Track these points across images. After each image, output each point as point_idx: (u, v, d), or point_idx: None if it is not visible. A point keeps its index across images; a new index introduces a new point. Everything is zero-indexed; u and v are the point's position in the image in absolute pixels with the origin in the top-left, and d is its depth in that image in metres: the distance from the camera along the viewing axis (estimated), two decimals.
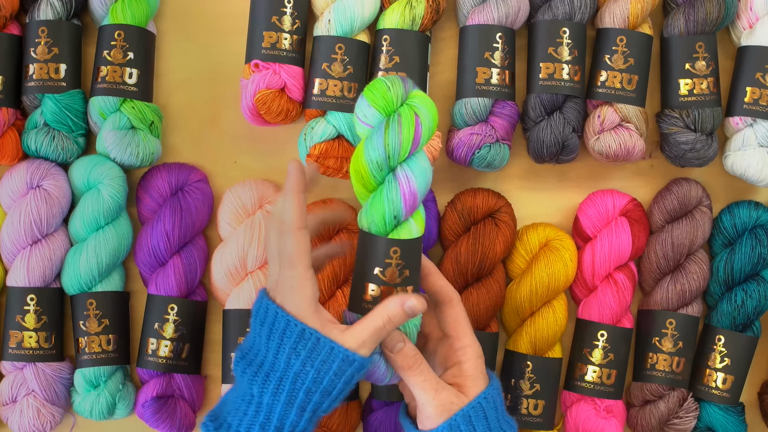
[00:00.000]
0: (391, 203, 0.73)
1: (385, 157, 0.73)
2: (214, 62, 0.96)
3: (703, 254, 0.94)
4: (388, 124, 0.73)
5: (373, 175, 0.74)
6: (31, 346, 0.90)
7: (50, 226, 0.91)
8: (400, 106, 0.74)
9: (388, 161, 0.73)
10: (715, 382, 0.93)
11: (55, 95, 0.91)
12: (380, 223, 0.74)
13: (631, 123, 0.91)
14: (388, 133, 0.73)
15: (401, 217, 0.74)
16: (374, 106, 0.74)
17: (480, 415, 0.73)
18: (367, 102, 0.74)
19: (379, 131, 0.73)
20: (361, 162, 0.74)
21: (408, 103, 0.74)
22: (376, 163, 0.73)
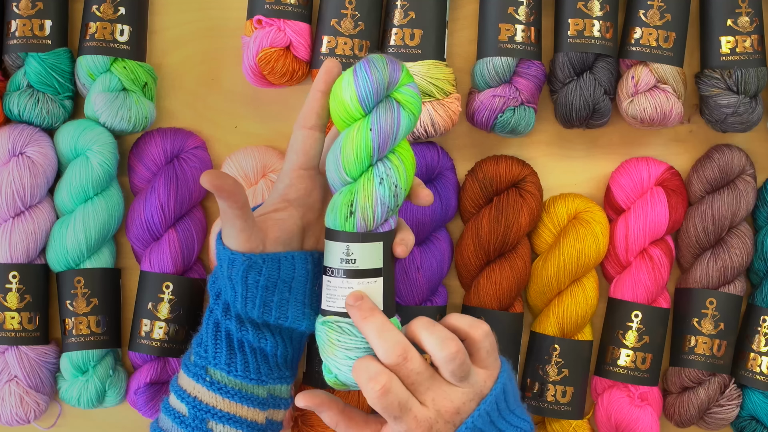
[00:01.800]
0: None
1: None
2: (214, 18, 0.95)
3: (747, 227, 0.92)
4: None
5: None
6: (14, 327, 0.89)
7: (34, 196, 0.89)
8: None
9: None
10: (759, 367, 0.91)
11: (39, 54, 0.89)
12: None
13: (667, 84, 0.89)
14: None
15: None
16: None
17: (486, 421, 0.70)
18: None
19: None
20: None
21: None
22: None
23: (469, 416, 0.68)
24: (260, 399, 0.76)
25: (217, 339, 0.75)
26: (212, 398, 0.75)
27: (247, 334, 0.74)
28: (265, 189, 0.90)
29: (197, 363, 0.75)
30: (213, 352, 0.75)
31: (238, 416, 0.75)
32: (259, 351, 0.75)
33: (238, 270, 0.71)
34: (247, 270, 0.71)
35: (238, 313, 0.74)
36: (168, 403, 0.77)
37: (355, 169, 0.68)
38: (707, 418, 0.91)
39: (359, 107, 0.68)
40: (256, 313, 0.73)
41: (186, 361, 0.77)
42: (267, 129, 0.95)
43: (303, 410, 0.90)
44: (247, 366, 0.75)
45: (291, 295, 0.74)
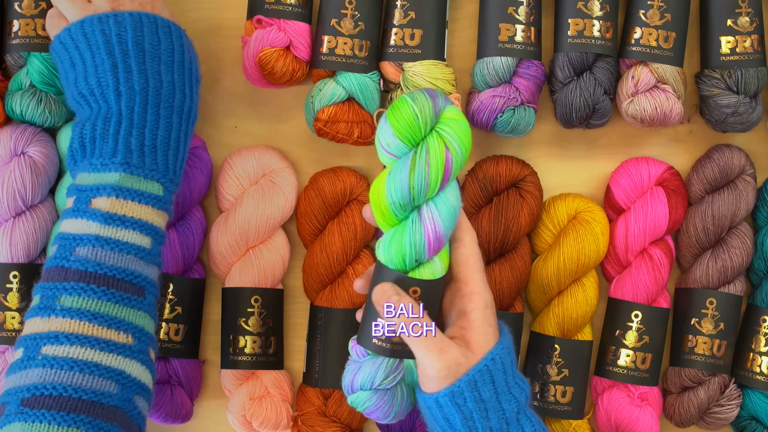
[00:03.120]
0: (413, 246, 0.71)
1: (409, 198, 0.71)
2: (214, 18, 0.95)
3: (747, 227, 0.93)
4: (414, 159, 0.70)
5: (394, 214, 0.72)
6: (14, 327, 0.89)
7: (35, 196, 0.90)
8: (428, 132, 0.71)
9: (412, 202, 0.71)
10: (759, 367, 0.92)
11: (42, 54, 0.89)
12: (400, 263, 0.72)
13: (667, 84, 0.90)
14: (414, 172, 0.70)
15: (424, 259, 0.72)
16: (398, 136, 0.71)
17: (487, 379, 0.71)
18: (391, 130, 0.72)
19: (404, 167, 0.71)
20: (382, 199, 0.72)
21: (437, 130, 0.71)
22: (399, 204, 0.71)
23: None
24: (158, 197, 0.76)
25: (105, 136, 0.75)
26: (117, 204, 0.74)
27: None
28: (265, 189, 0.91)
29: (84, 188, 0.75)
30: (111, 152, 0.75)
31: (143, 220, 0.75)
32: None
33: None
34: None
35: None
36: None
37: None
38: (707, 418, 0.92)
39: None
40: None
41: (67, 213, 0.75)
42: (267, 129, 0.95)
43: (303, 410, 0.92)
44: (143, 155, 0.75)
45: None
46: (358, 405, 0.76)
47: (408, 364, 0.76)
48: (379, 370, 0.75)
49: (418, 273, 0.72)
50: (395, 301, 0.70)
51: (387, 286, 0.71)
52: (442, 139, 0.71)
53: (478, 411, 0.70)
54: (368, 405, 0.76)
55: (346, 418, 0.91)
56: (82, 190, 0.74)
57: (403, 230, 0.71)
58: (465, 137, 0.72)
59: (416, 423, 0.91)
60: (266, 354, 0.92)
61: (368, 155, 0.95)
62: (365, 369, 0.76)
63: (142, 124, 0.75)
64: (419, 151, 0.71)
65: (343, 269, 0.91)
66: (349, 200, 0.92)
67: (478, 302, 0.73)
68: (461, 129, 0.72)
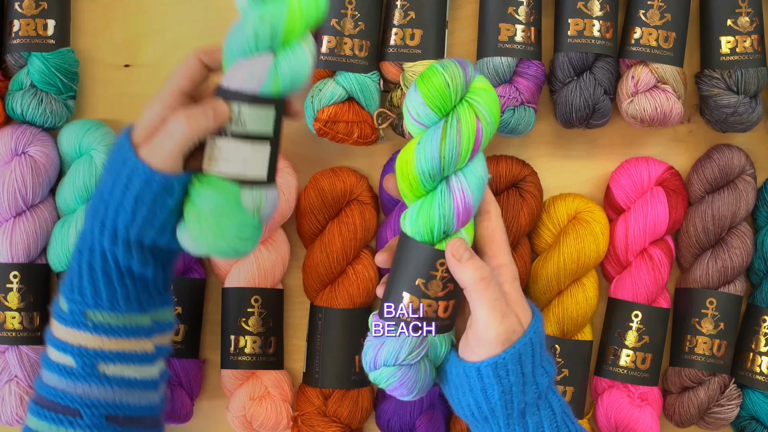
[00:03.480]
0: (442, 217, 0.71)
1: (439, 168, 0.71)
2: (214, 18, 0.96)
3: (747, 227, 0.94)
4: (445, 129, 0.70)
5: (423, 184, 0.72)
6: (14, 327, 0.90)
7: (36, 196, 0.90)
8: (459, 102, 0.71)
9: (441, 172, 0.71)
10: (759, 367, 0.92)
11: (43, 54, 0.90)
12: (427, 235, 0.71)
13: (667, 84, 0.90)
14: (445, 141, 0.70)
15: (452, 231, 0.72)
16: (429, 105, 0.71)
17: (528, 352, 0.70)
18: (421, 98, 0.71)
19: (434, 136, 0.70)
20: (410, 169, 0.72)
21: (468, 99, 0.71)
22: (428, 174, 0.71)
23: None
24: (145, 328, 0.75)
25: (94, 279, 0.73)
26: (98, 341, 0.73)
27: (132, 261, 0.72)
28: None
29: (73, 310, 0.73)
30: (92, 293, 0.73)
31: (127, 351, 0.74)
32: (139, 279, 0.73)
33: (151, 190, 0.69)
34: (160, 192, 0.70)
35: (128, 238, 0.71)
36: (49, 358, 0.74)
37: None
38: (707, 418, 0.92)
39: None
40: (151, 235, 0.71)
41: (58, 311, 0.74)
42: None
43: (303, 410, 0.92)
44: (129, 298, 0.73)
45: (179, 216, 0.72)
46: (381, 381, 0.74)
47: (432, 339, 0.74)
48: (403, 345, 0.73)
49: (442, 245, 0.71)
50: (467, 258, 0.70)
51: (458, 242, 0.71)
52: (472, 108, 0.70)
53: (518, 384, 0.70)
54: (392, 381, 0.73)
55: (346, 418, 0.92)
56: None
57: (431, 201, 0.71)
58: (495, 108, 0.72)
59: (416, 423, 0.91)
60: (266, 354, 0.92)
61: (368, 155, 0.96)
62: (389, 344, 0.73)
63: None
64: (450, 120, 0.70)
65: (343, 269, 0.91)
66: (349, 200, 0.93)
67: (507, 275, 0.72)
68: (491, 99, 0.71)
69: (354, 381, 0.92)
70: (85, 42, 0.96)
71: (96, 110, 0.96)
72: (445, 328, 0.73)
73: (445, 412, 0.94)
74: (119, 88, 0.96)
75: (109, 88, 0.96)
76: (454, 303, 0.73)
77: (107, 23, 0.96)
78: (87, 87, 0.95)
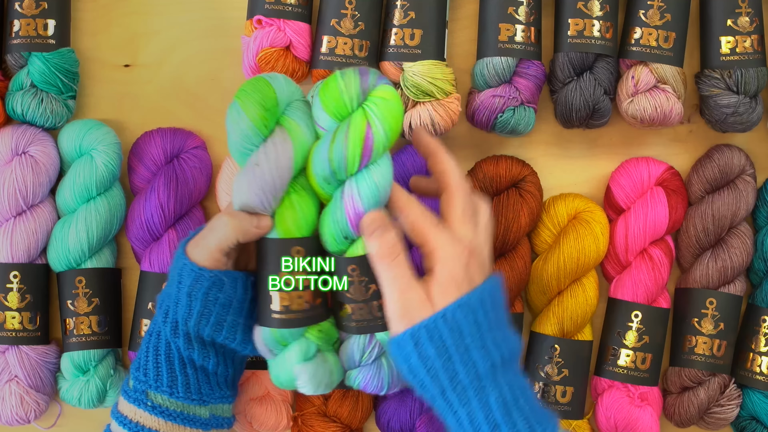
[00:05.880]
0: (336, 223, 0.75)
1: (330, 171, 0.74)
2: (214, 18, 0.98)
3: (747, 227, 0.95)
4: (335, 134, 0.74)
5: (322, 188, 0.75)
6: (14, 327, 0.91)
7: (36, 196, 0.92)
8: (355, 109, 0.74)
9: (334, 176, 0.74)
10: (759, 367, 0.93)
11: (44, 54, 0.91)
12: (332, 243, 0.75)
13: (667, 84, 0.92)
14: (333, 146, 0.73)
15: (353, 237, 0.75)
16: (325, 110, 0.75)
17: (435, 336, 0.71)
18: (320, 104, 0.75)
19: (326, 141, 0.74)
20: (309, 171, 0.76)
21: (364, 106, 0.74)
22: (322, 177, 0.75)
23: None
24: (203, 420, 0.79)
25: (158, 362, 0.77)
26: (155, 422, 0.77)
27: (192, 353, 0.77)
28: None
29: (137, 388, 0.78)
30: (154, 375, 0.77)
31: None
32: (201, 370, 0.78)
33: (201, 286, 0.75)
34: (210, 287, 0.75)
35: (188, 332, 0.77)
36: (110, 430, 0.79)
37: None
38: (707, 418, 0.93)
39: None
40: (207, 331, 0.76)
41: (125, 387, 0.80)
42: None
43: (303, 410, 0.94)
44: (189, 387, 0.78)
45: (242, 317, 0.78)
46: (353, 384, 0.80)
47: (382, 338, 0.78)
48: (354, 349, 0.79)
49: (352, 251, 0.75)
50: (375, 234, 0.73)
51: (373, 215, 0.74)
52: (365, 115, 0.73)
53: (425, 367, 0.71)
54: (359, 381, 0.80)
55: (346, 417, 0.93)
56: None
57: (328, 211, 0.75)
58: (391, 116, 0.74)
59: (416, 423, 0.93)
60: None
61: None
62: (344, 350, 0.80)
63: None
64: (342, 125, 0.74)
65: None
66: None
67: (437, 258, 0.73)
68: (388, 108, 0.74)
69: None
70: (85, 42, 0.97)
71: (96, 110, 0.97)
72: (386, 325, 0.76)
73: None
74: (119, 88, 0.97)
75: (109, 88, 0.97)
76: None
77: (107, 23, 0.97)
78: (87, 87, 0.97)
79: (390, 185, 0.75)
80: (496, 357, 0.72)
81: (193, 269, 0.75)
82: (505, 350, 0.73)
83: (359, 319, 0.77)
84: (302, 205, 0.76)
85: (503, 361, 0.72)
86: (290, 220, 0.75)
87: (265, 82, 0.75)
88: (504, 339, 0.73)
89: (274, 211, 0.75)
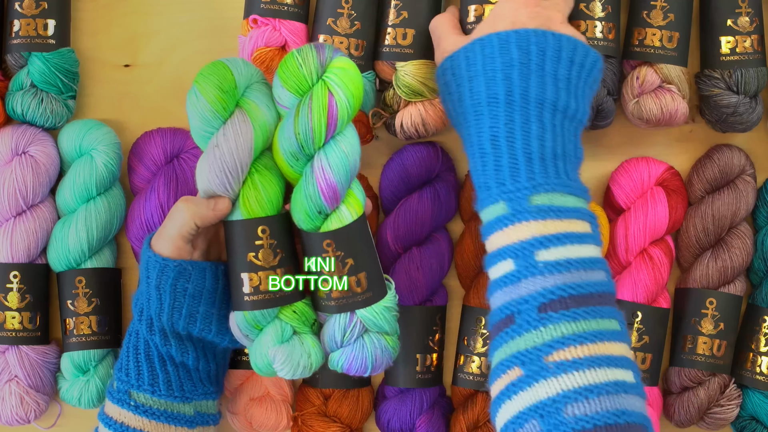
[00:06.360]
0: (309, 199, 0.75)
1: (298, 146, 0.75)
2: (213, 18, 0.98)
3: (747, 227, 0.95)
4: (299, 108, 0.75)
5: (290, 166, 0.76)
6: (14, 327, 0.91)
7: (36, 196, 0.92)
8: (315, 83, 0.75)
9: (302, 150, 0.75)
10: (759, 368, 0.94)
11: (44, 54, 0.92)
12: (306, 220, 0.76)
13: (672, 84, 0.92)
14: (298, 119, 0.74)
15: (327, 211, 0.76)
16: (286, 87, 0.76)
17: (519, 46, 0.73)
18: (279, 82, 0.76)
19: (290, 117, 0.75)
20: (277, 154, 0.76)
21: (324, 78, 0.75)
22: (291, 154, 0.75)
23: None
24: (187, 417, 0.80)
25: (138, 361, 0.79)
26: (139, 422, 0.78)
27: (170, 349, 0.78)
28: None
29: (120, 388, 0.79)
30: (135, 374, 0.78)
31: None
32: (181, 366, 0.79)
33: (168, 277, 0.76)
34: (177, 277, 0.76)
35: (163, 327, 0.78)
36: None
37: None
38: (707, 418, 0.94)
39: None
40: (181, 324, 0.77)
41: (110, 388, 0.81)
42: None
43: (303, 410, 0.94)
44: (170, 384, 0.79)
45: (215, 307, 0.78)
46: (336, 366, 0.80)
47: (363, 316, 0.79)
48: (336, 329, 0.79)
49: (326, 225, 0.76)
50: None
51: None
52: (326, 86, 0.74)
53: (502, 71, 0.73)
54: (342, 363, 0.80)
55: (346, 418, 0.94)
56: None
57: (300, 185, 0.76)
58: (352, 84, 0.75)
59: (416, 423, 0.94)
60: None
61: (366, 154, 0.96)
62: (325, 332, 0.80)
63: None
64: (304, 99, 0.75)
65: None
66: None
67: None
68: (348, 76, 0.75)
69: (354, 381, 0.94)
70: (85, 42, 0.98)
71: (96, 110, 0.98)
72: (366, 301, 0.78)
73: (445, 412, 0.96)
74: (119, 88, 0.98)
75: (109, 88, 0.98)
76: (366, 274, 0.77)
77: (107, 23, 0.98)
78: (87, 87, 0.98)
79: (358, 155, 0.77)
80: (555, 100, 0.74)
81: (157, 260, 0.76)
82: (550, 91, 0.74)
83: (339, 297, 0.77)
84: (265, 184, 0.77)
85: (565, 114, 0.74)
86: (253, 200, 0.76)
87: (222, 65, 0.76)
88: (577, 105, 0.75)
89: (237, 193, 0.76)
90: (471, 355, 0.94)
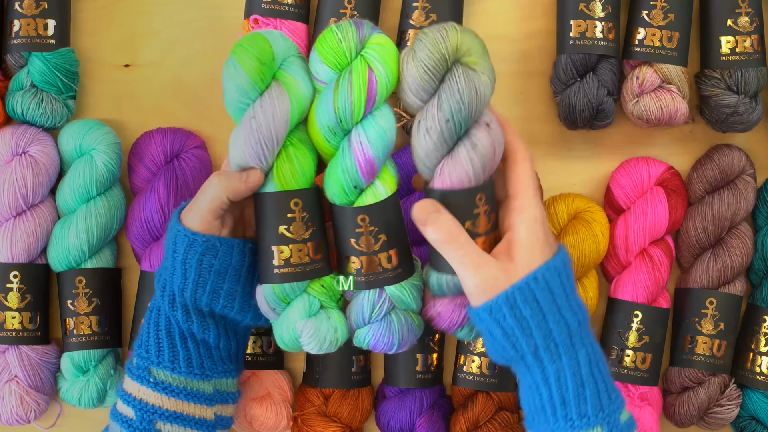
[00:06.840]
0: (346, 172, 0.75)
1: (336, 120, 0.75)
2: (214, 18, 0.98)
3: (747, 227, 0.96)
4: (338, 82, 0.75)
5: (327, 140, 0.76)
6: (14, 327, 0.92)
7: (36, 196, 0.93)
8: (354, 58, 0.75)
9: (340, 124, 0.75)
10: (759, 367, 0.94)
11: (44, 54, 0.92)
12: (341, 194, 0.76)
13: (672, 84, 0.92)
14: (338, 93, 0.74)
15: (362, 185, 0.76)
16: (324, 62, 0.76)
17: (529, 297, 0.72)
18: (318, 56, 0.76)
19: (329, 91, 0.75)
20: (313, 128, 0.76)
21: (363, 54, 0.75)
22: (328, 128, 0.75)
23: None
24: (207, 395, 0.80)
25: (159, 337, 0.78)
26: (158, 398, 0.78)
27: (192, 325, 0.78)
28: None
29: (140, 365, 0.79)
30: (156, 351, 0.78)
31: (185, 414, 0.79)
32: (202, 344, 0.79)
33: (195, 252, 0.76)
34: (204, 252, 0.76)
35: (185, 303, 0.77)
36: (116, 409, 0.80)
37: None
38: (707, 418, 0.94)
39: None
40: (204, 300, 0.77)
41: (129, 365, 0.81)
42: None
43: (303, 410, 0.95)
44: (191, 361, 0.78)
45: (239, 284, 0.78)
46: (362, 343, 0.80)
47: (392, 292, 0.79)
48: (364, 305, 0.79)
49: (361, 200, 0.76)
50: (429, 222, 0.73)
51: (423, 204, 0.74)
52: (366, 61, 0.75)
53: (520, 328, 0.73)
54: (369, 339, 0.80)
55: (346, 418, 0.94)
56: None
57: (336, 161, 0.76)
58: (391, 60, 0.75)
59: (416, 423, 0.94)
60: (266, 354, 0.95)
61: None
62: (353, 308, 0.80)
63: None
64: (344, 74, 0.75)
65: None
66: None
67: (524, 217, 0.74)
68: (386, 52, 0.75)
69: (354, 381, 0.94)
70: (85, 42, 0.98)
71: (96, 110, 0.98)
72: (396, 278, 0.78)
73: (445, 412, 0.96)
74: (119, 88, 0.98)
75: (109, 88, 0.98)
76: (396, 251, 0.77)
77: (107, 23, 0.98)
78: (87, 87, 0.98)
79: (394, 132, 0.77)
80: (580, 316, 0.74)
81: (186, 234, 0.76)
82: (581, 313, 0.75)
83: (368, 272, 0.77)
84: (300, 157, 0.77)
85: (581, 323, 0.75)
86: (288, 172, 0.76)
87: (261, 37, 0.76)
88: (579, 303, 0.75)
89: (270, 165, 0.76)
90: (471, 355, 0.94)
